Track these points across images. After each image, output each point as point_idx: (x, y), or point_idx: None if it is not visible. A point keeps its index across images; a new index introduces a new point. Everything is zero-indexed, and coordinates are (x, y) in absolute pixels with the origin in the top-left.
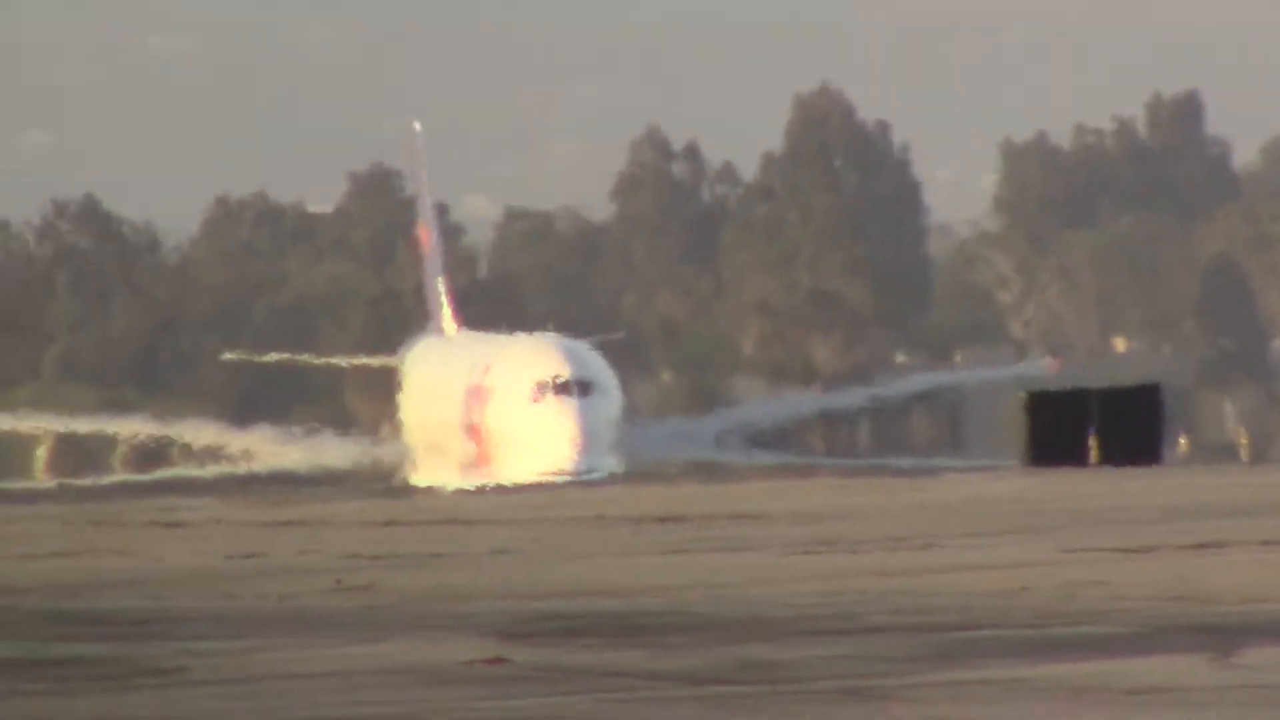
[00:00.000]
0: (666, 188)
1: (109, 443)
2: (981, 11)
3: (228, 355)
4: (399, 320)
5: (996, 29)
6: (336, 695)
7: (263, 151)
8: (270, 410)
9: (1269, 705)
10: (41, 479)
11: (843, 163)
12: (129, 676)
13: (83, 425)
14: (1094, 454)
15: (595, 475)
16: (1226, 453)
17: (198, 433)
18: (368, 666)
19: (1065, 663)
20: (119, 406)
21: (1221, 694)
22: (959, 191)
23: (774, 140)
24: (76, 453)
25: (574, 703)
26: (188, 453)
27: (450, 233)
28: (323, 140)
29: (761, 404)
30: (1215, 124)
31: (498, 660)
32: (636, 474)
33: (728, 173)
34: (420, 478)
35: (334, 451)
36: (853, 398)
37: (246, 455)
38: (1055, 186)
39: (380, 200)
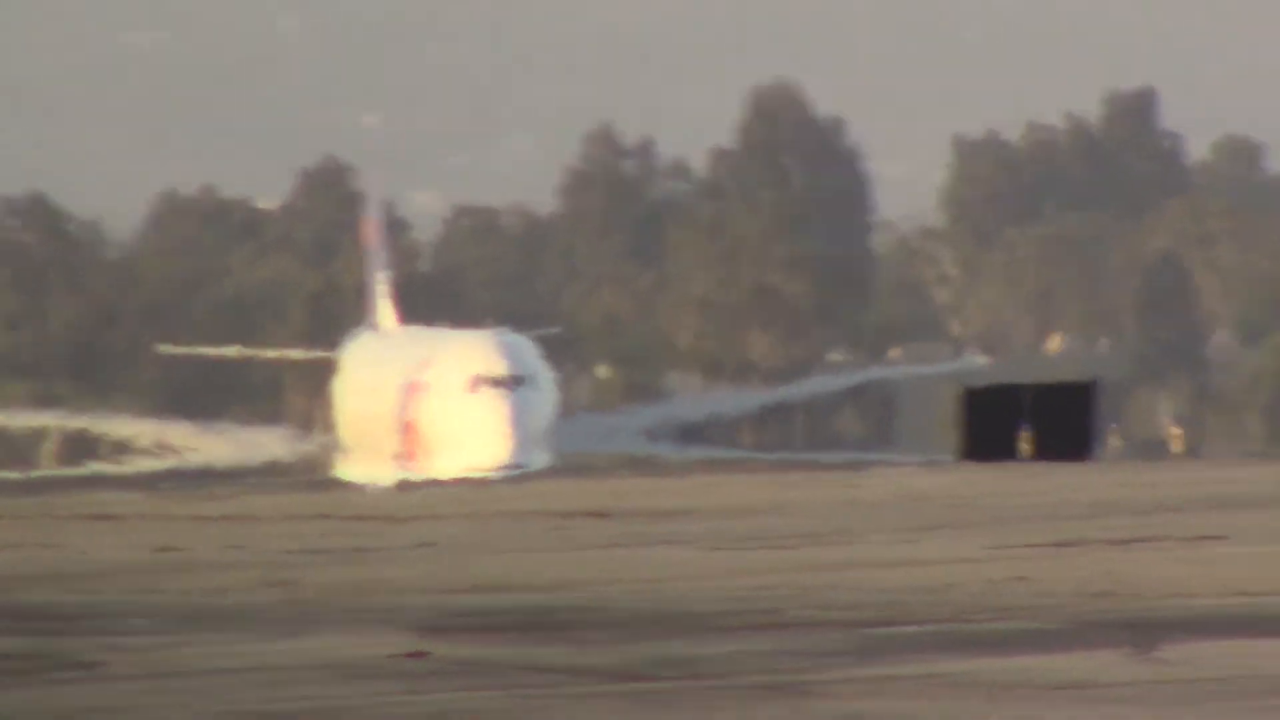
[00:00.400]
0: (615, 184)
1: (37, 437)
2: (937, 9)
3: (164, 348)
4: (339, 315)
5: (953, 26)
6: (258, 690)
7: (214, 147)
8: (207, 405)
9: (1191, 701)
10: None
11: (792, 159)
12: (50, 670)
13: (10, 420)
14: (1027, 449)
15: (526, 471)
16: (1159, 449)
17: (127, 426)
18: (289, 661)
19: (989, 658)
20: (50, 401)
21: (1144, 689)
22: (912, 188)
23: (729, 138)
24: (5, 447)
25: (493, 697)
26: (118, 447)
27: (397, 228)
28: (274, 135)
29: (693, 399)
30: (1168, 120)
31: (418, 654)
32: (567, 468)
33: (679, 169)
34: (350, 472)
35: (263, 445)
36: (781, 394)
37: (175, 449)
38: (1004, 183)
39: (328, 196)
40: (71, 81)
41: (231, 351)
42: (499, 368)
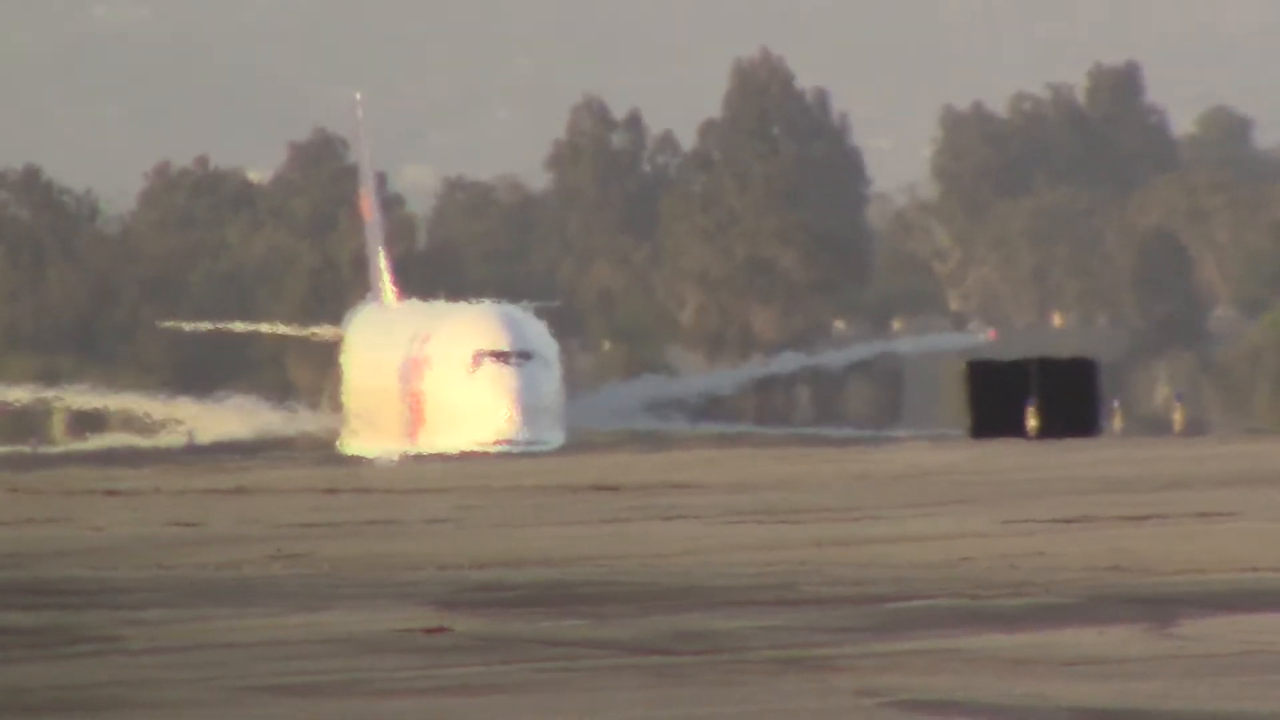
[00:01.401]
0: (605, 158)
1: (46, 411)
2: None
3: (167, 323)
4: (337, 290)
5: None
6: (274, 664)
7: (204, 120)
8: (209, 379)
9: (1205, 675)
10: None
11: (781, 131)
12: (67, 645)
13: (21, 395)
14: (1033, 425)
15: (535, 447)
16: (1162, 425)
17: (136, 402)
18: (306, 635)
19: (1003, 633)
20: (55, 376)
21: (1158, 664)
22: (898, 160)
23: (715, 109)
24: (14, 422)
25: (513, 672)
26: (126, 422)
27: (390, 202)
28: (264, 109)
29: (699, 374)
30: (1155, 94)
31: (438, 629)
32: (573, 443)
33: (668, 142)
34: (360, 447)
35: (273, 420)
36: (788, 364)
37: (185, 424)
38: (992, 155)
39: (320, 169)
40: (52, 57)
41: (236, 326)
42: (505, 342)
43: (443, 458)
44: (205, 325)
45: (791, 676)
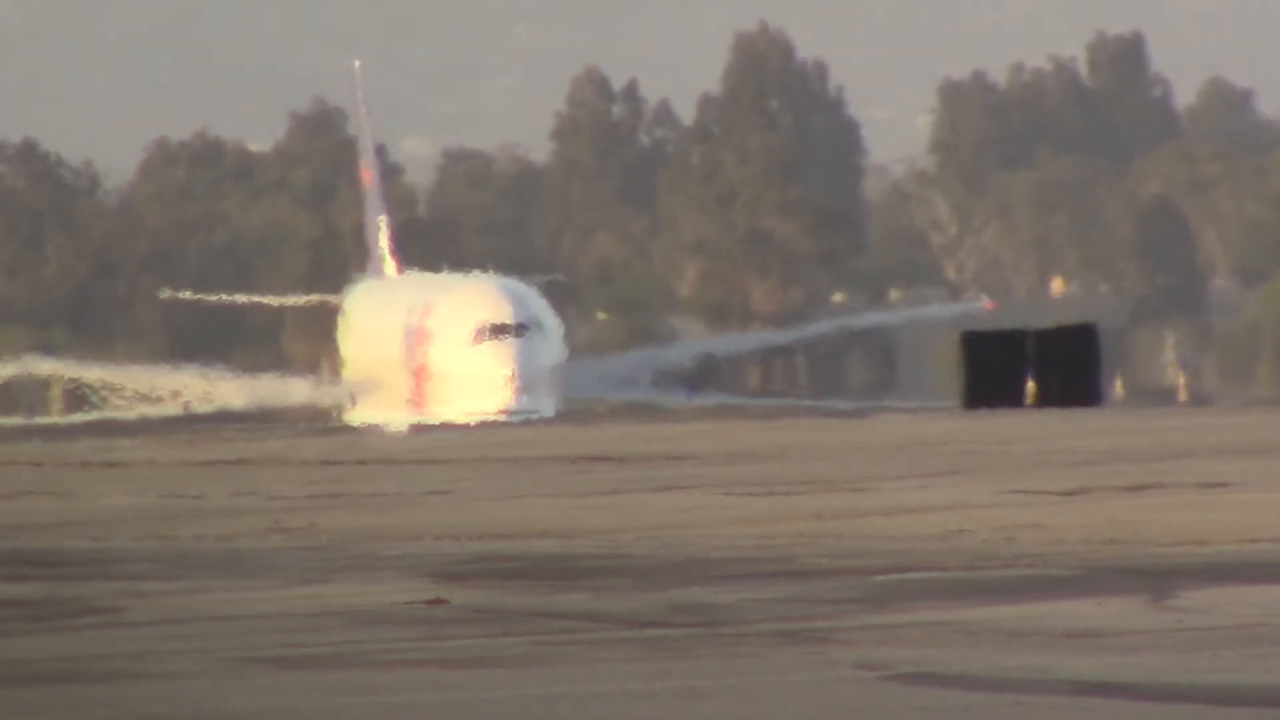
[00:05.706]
0: (605, 129)
1: (44, 383)
2: None
3: (166, 292)
4: (337, 261)
5: None
6: (274, 636)
7: (204, 90)
8: (208, 351)
9: (1203, 647)
10: None
11: (780, 104)
12: (67, 617)
13: (11, 368)
14: (1031, 396)
15: (534, 417)
16: (1163, 394)
17: (135, 374)
18: (305, 607)
19: (1001, 605)
20: (48, 349)
21: (1156, 636)
22: (897, 132)
23: (714, 82)
24: (8, 394)
25: (513, 644)
26: (122, 393)
27: (390, 173)
28: (264, 78)
29: (696, 343)
30: (1156, 64)
31: (437, 601)
32: (572, 414)
33: (666, 114)
34: (359, 418)
35: (273, 391)
36: (785, 336)
37: (184, 395)
38: (992, 127)
39: (321, 139)
40: (47, 26)
41: (237, 298)
42: (506, 314)
43: (443, 427)
44: (207, 296)
45: (790, 649)
